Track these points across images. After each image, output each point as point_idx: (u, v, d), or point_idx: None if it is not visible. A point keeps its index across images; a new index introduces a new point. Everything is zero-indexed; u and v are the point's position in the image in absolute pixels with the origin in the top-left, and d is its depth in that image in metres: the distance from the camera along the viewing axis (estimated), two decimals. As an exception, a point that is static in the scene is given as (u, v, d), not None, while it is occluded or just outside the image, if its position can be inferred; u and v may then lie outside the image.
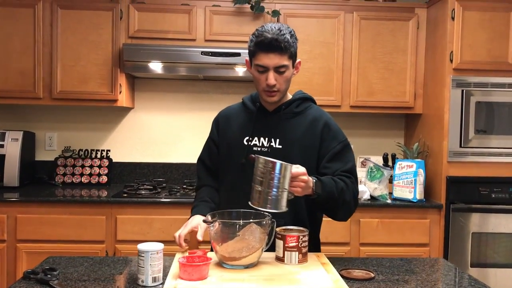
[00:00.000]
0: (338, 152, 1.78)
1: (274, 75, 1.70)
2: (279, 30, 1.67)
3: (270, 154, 1.76)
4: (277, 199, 1.52)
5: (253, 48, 1.71)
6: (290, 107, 1.82)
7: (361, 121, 3.67)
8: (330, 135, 1.79)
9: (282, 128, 1.80)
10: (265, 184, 1.51)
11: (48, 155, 3.55)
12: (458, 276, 1.62)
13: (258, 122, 1.83)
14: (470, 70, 3.05)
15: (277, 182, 1.50)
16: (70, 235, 2.90)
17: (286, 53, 1.68)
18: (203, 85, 3.61)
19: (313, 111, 1.85)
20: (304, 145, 1.78)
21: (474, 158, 3.05)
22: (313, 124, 1.80)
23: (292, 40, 1.70)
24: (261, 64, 1.70)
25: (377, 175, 3.14)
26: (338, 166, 1.76)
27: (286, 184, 1.52)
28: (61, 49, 3.16)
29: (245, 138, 1.82)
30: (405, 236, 3.03)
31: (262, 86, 1.74)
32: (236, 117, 1.90)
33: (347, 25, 3.30)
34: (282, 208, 1.54)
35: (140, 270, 1.44)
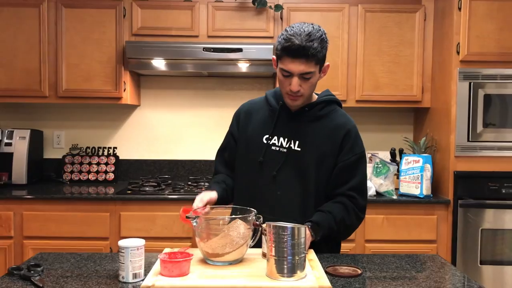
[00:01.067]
0: (350, 164, 1.75)
1: (298, 81, 1.65)
2: (308, 36, 1.60)
3: (288, 155, 1.75)
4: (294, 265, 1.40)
5: (279, 52, 1.65)
6: (314, 109, 1.78)
7: (368, 116, 3.60)
8: (348, 145, 1.76)
9: (303, 131, 1.77)
10: (280, 252, 1.39)
11: (56, 153, 3.60)
12: (449, 273, 1.57)
13: (280, 121, 1.79)
14: (478, 62, 2.96)
15: (291, 248, 1.39)
16: (75, 232, 2.93)
17: (313, 60, 1.62)
18: (207, 81, 3.60)
19: (337, 117, 1.80)
20: (323, 151, 1.75)
21: (483, 152, 2.97)
22: (335, 131, 1.76)
23: (322, 45, 1.63)
24: (286, 69, 1.65)
25: (383, 171, 3.08)
26: (345, 180, 1.74)
27: (303, 247, 1.41)
28: (66, 47, 3.19)
29: (265, 136, 1.80)
30: (411, 232, 2.97)
31: (285, 90, 1.71)
32: (257, 112, 1.86)
33: (351, 18, 3.24)
34: (301, 275, 1.41)
35: (121, 266, 1.43)
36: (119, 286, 1.40)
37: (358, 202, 1.75)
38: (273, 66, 1.76)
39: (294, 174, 1.75)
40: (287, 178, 1.75)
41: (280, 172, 1.75)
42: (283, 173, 1.75)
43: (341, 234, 1.81)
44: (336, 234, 1.75)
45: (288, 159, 1.75)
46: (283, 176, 1.75)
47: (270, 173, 1.76)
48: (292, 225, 1.42)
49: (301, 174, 1.74)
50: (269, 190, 1.72)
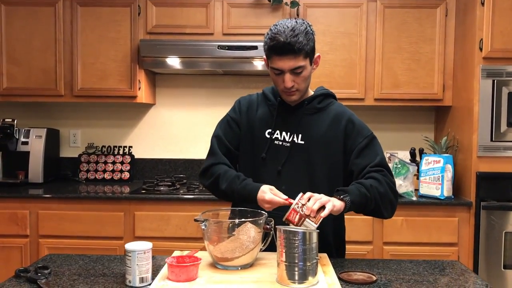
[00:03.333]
0: (364, 147, 1.72)
1: (290, 77, 1.65)
2: (292, 31, 1.59)
3: (292, 149, 1.73)
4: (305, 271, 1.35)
5: (267, 52, 1.67)
6: (312, 103, 1.78)
7: (386, 115, 3.51)
8: (354, 131, 1.74)
9: (304, 124, 1.76)
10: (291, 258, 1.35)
11: (72, 151, 3.60)
12: (469, 280, 1.49)
13: (280, 116, 1.78)
14: (501, 59, 2.85)
15: (302, 254, 1.34)
16: (90, 231, 2.92)
17: (301, 54, 1.61)
18: (223, 80, 3.56)
19: (336, 107, 1.81)
20: (327, 141, 1.73)
21: (507, 152, 2.85)
22: (336, 120, 1.76)
23: (307, 38, 1.62)
24: (276, 67, 1.65)
25: (402, 171, 3.00)
26: (366, 162, 1.69)
27: (314, 253, 1.37)
28: (81, 46, 3.19)
29: (267, 131, 1.78)
30: (431, 235, 2.88)
31: (280, 87, 1.71)
32: (256, 107, 1.83)
33: (370, 14, 3.16)
34: (312, 281, 1.37)
35: (127, 270, 1.40)
36: (126, 290, 1.37)
37: (387, 175, 1.67)
38: (266, 67, 1.74)
39: (300, 167, 1.73)
40: (292, 172, 1.74)
41: (285, 166, 1.74)
42: (288, 168, 1.74)
43: (379, 205, 1.61)
44: (372, 203, 1.59)
45: (292, 153, 1.73)
46: (288, 170, 1.74)
47: (275, 168, 1.74)
48: (303, 230, 1.37)
49: (308, 167, 1.73)
50: (274, 185, 1.67)
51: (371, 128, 1.79)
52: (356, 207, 1.57)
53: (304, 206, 1.46)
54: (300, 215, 1.46)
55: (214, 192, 1.81)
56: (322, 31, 3.15)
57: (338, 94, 3.16)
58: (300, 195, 1.49)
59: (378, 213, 1.66)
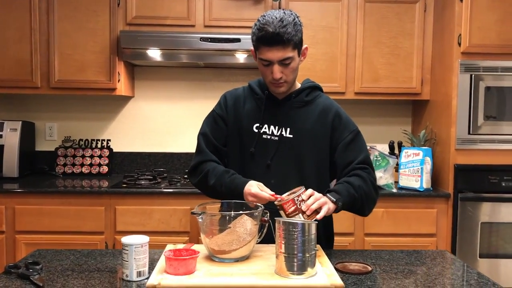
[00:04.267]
0: (350, 142, 1.75)
1: (279, 68, 1.65)
2: (281, 22, 1.58)
3: (280, 143, 1.73)
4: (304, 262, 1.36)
5: (255, 42, 1.66)
6: (300, 96, 1.78)
7: (366, 108, 3.56)
8: (341, 125, 1.76)
9: (292, 117, 1.76)
10: (290, 249, 1.36)
11: (48, 145, 3.51)
12: (461, 269, 1.53)
13: (268, 110, 1.77)
14: (479, 54, 2.92)
15: (301, 245, 1.36)
16: (69, 226, 2.85)
17: (290, 45, 1.61)
18: (204, 72, 3.53)
19: (323, 100, 1.81)
20: (315, 135, 1.75)
21: (484, 145, 2.94)
22: (323, 113, 1.77)
23: (296, 29, 1.62)
24: (264, 58, 1.64)
25: (382, 164, 3.05)
26: (351, 157, 1.72)
27: (313, 244, 1.38)
28: (58, 37, 3.10)
29: (255, 125, 1.77)
30: (411, 226, 2.94)
31: (268, 79, 1.70)
32: (243, 102, 1.82)
33: (351, 8, 3.18)
34: (311, 272, 1.37)
35: (124, 264, 1.37)
36: (123, 284, 1.35)
37: (371, 173, 1.73)
38: (253, 58, 1.74)
39: (289, 161, 1.74)
40: (281, 166, 1.74)
41: (274, 160, 1.74)
42: (277, 162, 1.74)
43: (363, 204, 1.69)
44: (358, 202, 1.65)
45: (280, 147, 1.74)
46: (277, 164, 1.74)
47: (264, 162, 1.74)
48: (302, 221, 1.38)
49: (297, 160, 1.74)
50: (263, 179, 1.67)
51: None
52: (345, 208, 1.63)
53: (303, 202, 1.47)
54: (296, 208, 1.47)
55: (203, 189, 1.81)
56: (304, 25, 3.05)
57: (321, 88, 3.21)
58: (302, 190, 1.50)
59: (360, 211, 1.72)
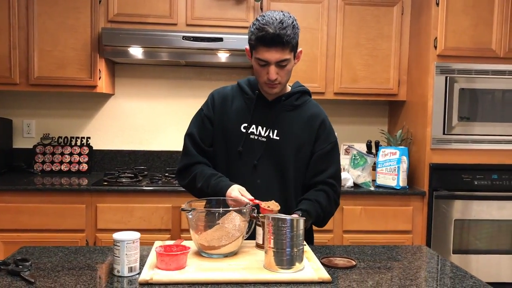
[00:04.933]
0: (327, 153, 1.80)
1: (275, 69, 1.66)
2: (281, 24, 1.60)
3: (267, 144, 1.76)
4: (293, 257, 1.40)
5: (254, 42, 1.66)
6: (290, 99, 1.80)
7: (345, 108, 3.64)
8: (324, 134, 1.81)
9: (281, 120, 1.78)
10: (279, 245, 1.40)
11: (26, 142, 3.46)
12: (441, 263, 1.61)
13: (257, 110, 1.79)
14: (454, 57, 3.03)
15: (290, 240, 1.39)
16: (49, 224, 2.83)
17: (288, 47, 1.63)
18: (185, 71, 3.54)
19: (312, 106, 1.84)
20: (301, 140, 1.78)
21: (457, 145, 3.05)
22: (311, 120, 1.80)
23: (295, 32, 1.65)
24: (262, 58, 1.65)
25: (360, 163, 3.13)
26: (323, 167, 1.78)
27: (301, 239, 1.42)
28: (38, 33, 3.06)
29: (243, 125, 1.78)
30: (388, 223, 3.03)
31: (263, 79, 1.71)
32: (231, 101, 1.83)
33: (331, 10, 3.25)
34: (299, 267, 1.41)
35: (116, 260, 1.39)
36: (115, 280, 1.36)
37: (337, 190, 1.82)
38: (248, 57, 1.76)
39: (274, 162, 1.77)
40: (267, 167, 1.77)
41: (260, 161, 1.76)
42: (263, 162, 1.77)
43: (324, 220, 1.82)
44: (320, 219, 1.78)
45: (267, 148, 1.76)
46: (263, 165, 1.77)
47: (251, 163, 1.76)
48: (291, 217, 1.42)
49: (280, 162, 1.77)
50: (249, 179, 1.71)
51: (331, 121, 1.88)
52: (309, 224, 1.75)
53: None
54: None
55: (191, 191, 1.84)
56: None
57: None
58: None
59: (318, 225, 1.84)
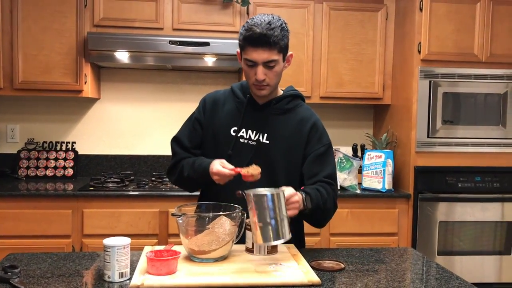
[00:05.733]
0: (321, 155, 1.79)
1: (263, 70, 1.67)
2: (268, 24, 1.62)
3: (257, 148, 1.76)
4: (278, 229, 1.44)
5: (242, 42, 1.68)
6: (281, 103, 1.81)
7: (331, 112, 3.67)
8: (316, 136, 1.80)
9: (271, 124, 1.79)
10: (262, 218, 1.44)
11: (10, 147, 3.42)
12: (427, 265, 1.63)
13: (247, 114, 1.80)
14: (437, 61, 3.09)
15: (273, 213, 1.44)
16: (35, 230, 2.80)
17: (276, 48, 1.64)
18: (171, 75, 3.54)
19: (303, 110, 1.85)
20: (291, 143, 1.78)
21: (441, 148, 3.10)
22: (301, 123, 1.80)
23: (283, 34, 1.66)
24: (249, 58, 1.67)
25: (346, 166, 3.16)
26: (318, 169, 1.77)
27: (283, 211, 1.47)
28: (23, 37, 3.03)
29: (233, 129, 1.79)
30: (374, 226, 3.06)
31: (251, 80, 1.72)
32: (223, 104, 1.84)
33: (316, 15, 3.28)
34: (286, 237, 1.46)
35: (106, 266, 1.39)
36: (105, 285, 1.36)
37: (335, 190, 1.80)
38: (238, 60, 1.77)
39: (263, 166, 1.74)
40: None
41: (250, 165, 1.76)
42: None
43: (321, 217, 1.78)
44: (319, 214, 1.73)
45: (257, 152, 1.76)
46: None
47: (240, 166, 1.75)
48: (271, 191, 1.46)
49: (270, 166, 1.77)
50: (238, 183, 1.71)
51: None
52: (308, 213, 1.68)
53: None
54: None
55: (181, 184, 1.86)
56: None
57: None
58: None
59: (317, 222, 1.81)
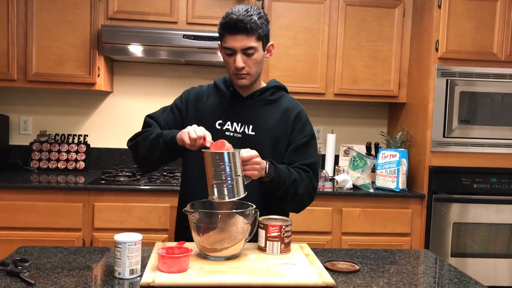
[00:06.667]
0: (302, 145, 1.78)
1: (242, 58, 1.66)
2: (246, 11, 1.63)
3: (243, 140, 1.74)
4: (233, 187, 1.49)
5: (220, 31, 1.67)
6: (264, 94, 1.80)
7: (345, 110, 3.62)
8: (299, 126, 1.79)
9: (256, 115, 1.77)
10: (218, 176, 1.48)
11: (22, 139, 3.43)
12: (443, 268, 1.59)
13: (231, 107, 1.78)
14: (455, 60, 3.03)
15: (229, 171, 1.47)
16: (46, 222, 2.80)
17: (254, 34, 1.63)
18: (184, 69, 3.52)
19: (287, 101, 1.84)
20: (276, 134, 1.76)
21: (457, 148, 3.04)
22: (286, 113, 1.79)
23: (261, 22, 1.65)
24: (228, 46, 1.65)
25: (360, 164, 3.11)
26: (299, 159, 1.76)
27: (239, 170, 1.50)
28: (37, 29, 3.03)
29: (217, 122, 1.77)
30: (387, 226, 3.02)
31: (231, 70, 1.70)
32: (207, 99, 1.82)
33: (332, 11, 3.24)
34: (240, 194, 1.50)
35: (117, 262, 1.37)
36: (116, 282, 1.34)
37: (312, 178, 1.76)
38: (220, 52, 1.74)
39: None
40: None
41: None
42: None
43: (288, 200, 1.70)
44: (283, 193, 1.67)
45: (243, 144, 1.73)
46: None
47: None
48: (227, 151, 1.48)
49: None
50: None
51: (330, 122, 1.86)
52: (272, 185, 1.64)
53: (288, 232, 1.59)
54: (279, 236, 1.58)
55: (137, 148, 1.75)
56: (286, 25, 3.20)
57: (300, 89, 3.25)
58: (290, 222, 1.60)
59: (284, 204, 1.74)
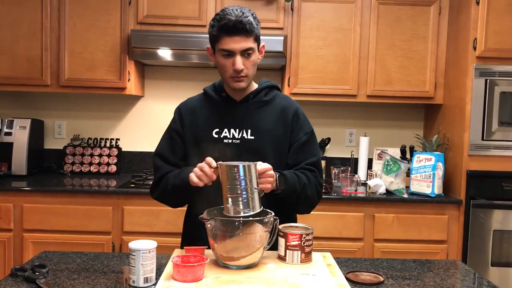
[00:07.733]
0: (303, 144, 1.73)
1: (241, 59, 1.61)
2: (241, 12, 1.59)
3: (242, 145, 1.69)
4: (248, 201, 1.44)
5: (216, 33, 1.61)
6: (258, 95, 1.74)
7: (378, 112, 3.51)
8: (298, 125, 1.75)
9: (252, 118, 1.72)
10: (233, 190, 1.43)
11: (57, 143, 3.50)
12: (477, 282, 1.49)
13: (226, 113, 1.73)
14: (495, 59, 2.87)
15: (244, 185, 1.43)
16: (77, 225, 2.84)
17: (251, 35, 1.60)
18: (213, 73, 3.50)
19: (282, 100, 1.79)
20: (276, 135, 1.72)
21: (497, 151, 2.89)
22: (283, 113, 1.74)
23: (256, 23, 1.62)
24: (226, 48, 1.60)
25: (393, 168, 3.00)
26: (302, 158, 1.72)
27: (255, 183, 1.45)
28: (69, 35, 3.09)
29: (214, 131, 1.71)
30: (422, 232, 2.89)
31: (229, 73, 1.64)
32: (200, 109, 1.76)
33: (364, 10, 3.14)
34: (256, 209, 1.46)
35: (131, 270, 1.35)
36: (130, 290, 1.32)
37: (317, 177, 1.73)
38: (209, 56, 1.70)
39: None
40: None
41: None
42: None
43: (300, 203, 1.69)
44: (295, 199, 1.65)
45: (243, 150, 1.69)
46: None
47: None
48: (242, 163, 1.44)
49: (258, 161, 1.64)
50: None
51: (363, 125, 1.79)
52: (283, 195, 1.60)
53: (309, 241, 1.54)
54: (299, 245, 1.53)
55: (164, 198, 1.75)
56: (316, 26, 3.13)
57: (330, 90, 3.18)
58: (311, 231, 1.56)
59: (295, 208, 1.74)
